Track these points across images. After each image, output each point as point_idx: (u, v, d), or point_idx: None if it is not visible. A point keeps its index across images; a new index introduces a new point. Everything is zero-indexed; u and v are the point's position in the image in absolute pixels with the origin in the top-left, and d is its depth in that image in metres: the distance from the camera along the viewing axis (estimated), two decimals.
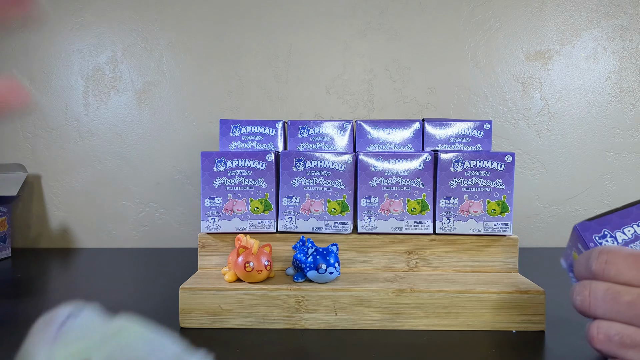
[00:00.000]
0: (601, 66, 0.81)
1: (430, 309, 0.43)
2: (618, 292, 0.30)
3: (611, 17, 0.80)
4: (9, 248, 0.76)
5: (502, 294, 0.43)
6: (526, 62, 0.81)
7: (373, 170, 0.51)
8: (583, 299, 0.32)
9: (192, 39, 0.82)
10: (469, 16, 0.81)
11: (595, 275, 0.32)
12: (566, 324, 0.44)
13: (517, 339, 0.41)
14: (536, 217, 0.83)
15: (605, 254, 0.31)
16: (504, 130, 0.82)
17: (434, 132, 0.59)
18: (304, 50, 0.82)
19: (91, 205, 0.84)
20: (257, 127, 0.61)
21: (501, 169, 0.50)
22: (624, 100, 0.81)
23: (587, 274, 0.32)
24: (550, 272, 0.62)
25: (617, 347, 0.30)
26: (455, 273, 0.50)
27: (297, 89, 0.83)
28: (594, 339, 0.31)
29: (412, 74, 0.82)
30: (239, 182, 0.51)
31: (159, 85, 0.83)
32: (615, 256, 0.31)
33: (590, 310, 0.32)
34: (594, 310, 0.31)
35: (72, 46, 0.82)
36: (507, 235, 0.50)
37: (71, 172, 0.84)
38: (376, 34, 0.82)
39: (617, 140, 0.81)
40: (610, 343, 0.30)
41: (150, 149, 0.83)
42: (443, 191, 0.50)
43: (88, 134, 0.83)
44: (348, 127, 0.60)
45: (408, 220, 0.51)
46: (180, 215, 0.84)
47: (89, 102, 0.83)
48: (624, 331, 0.30)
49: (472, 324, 0.43)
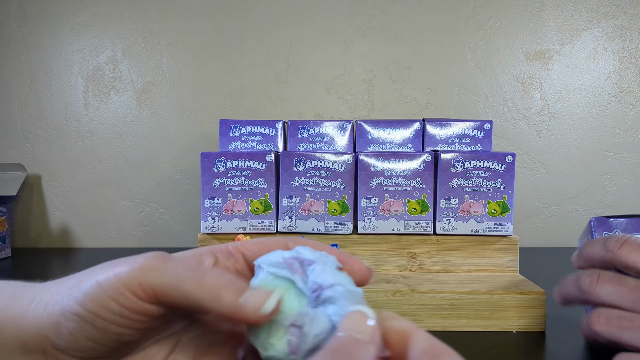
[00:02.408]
0: (601, 66, 0.81)
1: (431, 309, 0.43)
2: (625, 277, 0.33)
3: (611, 17, 0.80)
4: (9, 248, 0.76)
5: (502, 294, 0.43)
6: (526, 62, 0.81)
7: (373, 171, 0.51)
8: (592, 281, 0.34)
9: (192, 39, 0.82)
10: (469, 16, 0.81)
11: (608, 252, 0.34)
12: (566, 324, 0.44)
13: (518, 340, 0.41)
14: (536, 217, 0.83)
15: (624, 238, 0.34)
16: (504, 130, 0.82)
17: (434, 132, 0.59)
18: (304, 50, 0.82)
19: (91, 205, 0.84)
20: (257, 127, 0.61)
21: (501, 169, 0.50)
22: (624, 100, 0.81)
23: (601, 251, 0.35)
24: (551, 272, 0.62)
25: (615, 329, 0.32)
26: (455, 273, 0.50)
27: (297, 89, 0.82)
28: (595, 322, 0.33)
29: (412, 74, 0.82)
30: (238, 182, 0.51)
31: (159, 85, 0.83)
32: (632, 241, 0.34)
33: (596, 291, 0.34)
34: (599, 292, 0.33)
35: (72, 46, 0.82)
36: (507, 236, 0.50)
37: (71, 172, 0.84)
38: (376, 33, 0.82)
39: (617, 140, 0.81)
40: (609, 326, 0.33)
41: (150, 149, 0.83)
42: (443, 191, 0.50)
43: (88, 133, 0.83)
44: (348, 127, 0.60)
45: (408, 221, 0.50)
46: (180, 215, 0.84)
47: (89, 102, 0.83)
48: (623, 315, 0.32)
49: (473, 324, 0.43)
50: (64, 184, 0.84)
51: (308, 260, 0.23)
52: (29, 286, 0.24)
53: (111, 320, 0.21)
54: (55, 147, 0.84)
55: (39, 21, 0.82)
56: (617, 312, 0.33)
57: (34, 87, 0.83)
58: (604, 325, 0.33)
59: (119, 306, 0.21)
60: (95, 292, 0.21)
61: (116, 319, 0.21)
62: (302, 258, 0.23)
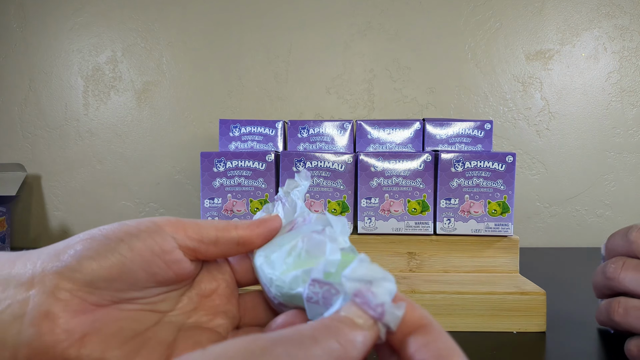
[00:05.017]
0: (601, 66, 0.81)
1: (431, 309, 0.43)
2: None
3: (611, 17, 0.80)
4: (9, 248, 0.76)
5: (502, 294, 0.43)
6: (526, 62, 0.81)
7: (373, 171, 0.51)
8: (616, 267, 0.35)
9: (192, 38, 0.82)
10: (469, 16, 0.81)
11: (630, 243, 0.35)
12: (567, 324, 0.44)
13: (518, 340, 0.41)
14: (536, 217, 0.83)
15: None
16: (504, 130, 0.82)
17: (434, 132, 0.59)
18: (304, 50, 0.82)
19: (91, 205, 0.84)
20: (257, 127, 0.61)
21: (502, 170, 0.50)
22: (625, 100, 0.81)
23: (623, 242, 0.36)
24: (551, 272, 0.62)
25: (633, 319, 0.33)
26: (455, 274, 0.50)
27: (297, 89, 0.82)
28: (615, 312, 0.34)
29: (412, 74, 0.82)
30: (238, 182, 0.51)
31: (158, 85, 0.83)
32: None
33: (619, 277, 0.35)
34: (622, 278, 0.34)
35: (71, 46, 0.82)
36: (507, 236, 0.50)
37: (71, 172, 0.84)
38: (376, 33, 0.82)
39: (618, 140, 0.81)
40: (627, 315, 0.34)
41: (150, 149, 0.83)
42: (444, 191, 0.50)
43: (88, 133, 0.83)
44: (348, 127, 0.60)
45: (408, 221, 0.50)
46: (180, 215, 0.84)
47: (88, 102, 0.83)
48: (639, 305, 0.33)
49: (473, 324, 0.43)
50: (63, 184, 0.84)
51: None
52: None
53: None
54: (55, 147, 0.83)
55: (39, 21, 0.82)
56: (636, 301, 0.33)
57: (33, 87, 0.83)
58: (622, 316, 0.34)
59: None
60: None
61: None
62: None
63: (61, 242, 0.22)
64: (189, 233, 0.24)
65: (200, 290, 0.26)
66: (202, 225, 0.25)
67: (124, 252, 0.22)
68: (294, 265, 0.22)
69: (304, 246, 0.23)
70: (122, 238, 0.22)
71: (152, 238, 0.23)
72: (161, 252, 0.23)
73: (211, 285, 0.26)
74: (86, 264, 0.21)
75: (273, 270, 0.23)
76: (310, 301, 0.20)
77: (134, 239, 0.22)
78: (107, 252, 0.22)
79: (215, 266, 0.27)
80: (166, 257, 0.23)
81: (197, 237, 0.24)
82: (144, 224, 0.23)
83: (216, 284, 0.26)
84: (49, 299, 0.20)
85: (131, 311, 0.23)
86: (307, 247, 0.23)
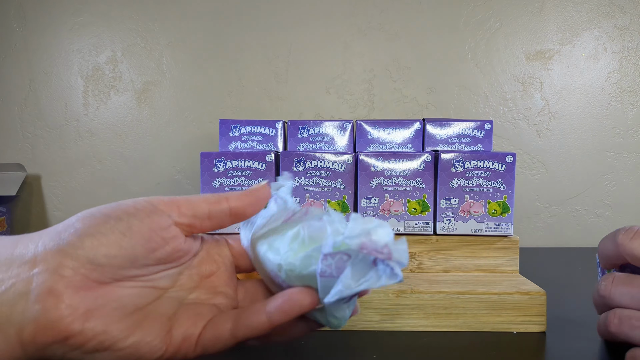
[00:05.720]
0: (601, 66, 0.81)
1: (431, 310, 0.43)
2: (636, 277, 0.34)
3: (611, 16, 0.80)
4: None
5: (502, 294, 0.43)
6: (526, 62, 0.81)
7: (373, 171, 0.51)
8: (607, 284, 0.35)
9: (192, 38, 0.82)
10: (469, 16, 0.81)
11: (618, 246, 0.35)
12: (567, 325, 0.44)
13: (518, 340, 0.41)
14: (536, 217, 0.83)
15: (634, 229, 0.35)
16: (504, 130, 0.82)
17: (434, 132, 0.59)
18: (303, 49, 0.82)
19: (91, 205, 0.83)
20: (257, 127, 0.61)
21: (502, 170, 0.50)
22: (625, 100, 0.81)
23: (612, 245, 0.35)
24: (551, 272, 0.62)
25: (628, 329, 0.33)
26: (455, 274, 0.50)
27: (297, 89, 0.82)
28: (611, 323, 0.34)
29: (412, 74, 0.82)
30: (238, 182, 0.51)
31: (158, 85, 0.83)
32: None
33: (611, 294, 0.35)
34: (614, 294, 0.34)
35: (71, 46, 0.82)
36: (507, 236, 0.50)
37: (71, 172, 0.84)
38: (376, 33, 0.82)
39: (618, 140, 0.81)
40: (622, 325, 0.33)
41: (150, 149, 0.83)
42: (443, 191, 0.50)
43: (88, 133, 0.83)
44: (348, 127, 0.60)
45: (408, 221, 0.50)
46: None
47: (88, 102, 0.83)
48: (633, 314, 0.33)
49: (473, 325, 0.43)
50: (63, 184, 0.84)
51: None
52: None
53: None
54: (55, 147, 0.83)
55: (39, 21, 0.82)
56: (629, 311, 0.33)
57: (33, 87, 0.83)
58: (618, 326, 0.34)
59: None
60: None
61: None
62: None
63: (60, 224, 0.23)
64: (182, 210, 0.25)
65: (200, 270, 0.27)
66: (195, 201, 0.26)
67: (123, 229, 0.23)
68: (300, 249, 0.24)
69: (306, 232, 0.24)
70: (121, 217, 0.23)
71: (149, 217, 0.24)
72: (158, 228, 0.24)
73: (211, 267, 0.27)
74: (87, 240, 0.22)
75: (279, 255, 0.25)
76: (324, 275, 0.22)
77: (132, 218, 0.23)
78: (107, 230, 0.23)
79: (216, 250, 0.28)
80: (163, 233, 0.24)
81: (191, 213, 0.26)
82: (140, 203, 0.25)
83: (216, 266, 0.27)
84: (52, 276, 0.21)
85: (132, 288, 0.23)
86: (309, 233, 0.24)
